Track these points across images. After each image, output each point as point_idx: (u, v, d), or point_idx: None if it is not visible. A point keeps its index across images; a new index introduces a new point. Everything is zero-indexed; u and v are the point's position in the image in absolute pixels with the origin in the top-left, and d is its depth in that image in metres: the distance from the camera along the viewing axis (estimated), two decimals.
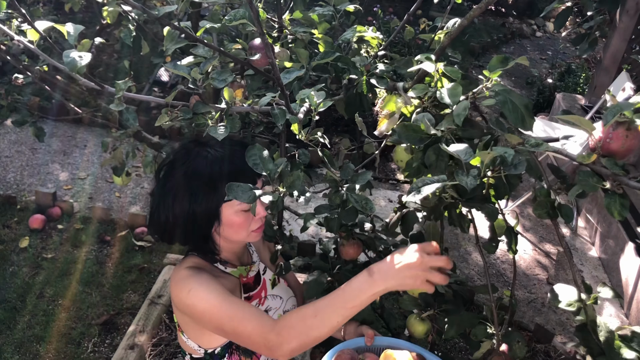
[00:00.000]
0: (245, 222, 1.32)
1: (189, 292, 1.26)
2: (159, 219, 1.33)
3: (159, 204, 1.32)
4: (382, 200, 3.98)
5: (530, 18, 9.31)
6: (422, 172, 1.18)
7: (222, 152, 1.30)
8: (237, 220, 1.31)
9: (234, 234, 1.34)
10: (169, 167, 1.33)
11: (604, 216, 3.67)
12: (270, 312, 1.49)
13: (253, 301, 1.45)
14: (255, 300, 1.46)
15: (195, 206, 1.27)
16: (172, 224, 1.31)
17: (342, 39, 1.62)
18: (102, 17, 1.98)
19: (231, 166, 1.28)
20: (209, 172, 1.27)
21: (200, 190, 1.27)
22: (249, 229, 1.35)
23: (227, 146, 1.33)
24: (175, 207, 1.29)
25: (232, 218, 1.30)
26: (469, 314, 1.41)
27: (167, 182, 1.31)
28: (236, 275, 1.43)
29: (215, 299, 1.24)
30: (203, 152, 1.29)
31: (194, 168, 1.28)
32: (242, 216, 1.31)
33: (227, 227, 1.33)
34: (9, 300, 2.76)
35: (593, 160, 0.95)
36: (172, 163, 1.33)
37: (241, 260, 1.49)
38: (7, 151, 4.11)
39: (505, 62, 1.13)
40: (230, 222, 1.31)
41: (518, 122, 1.04)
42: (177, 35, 1.30)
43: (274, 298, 1.53)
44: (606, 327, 1.18)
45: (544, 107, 5.64)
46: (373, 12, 7.55)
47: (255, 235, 1.37)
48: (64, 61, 1.18)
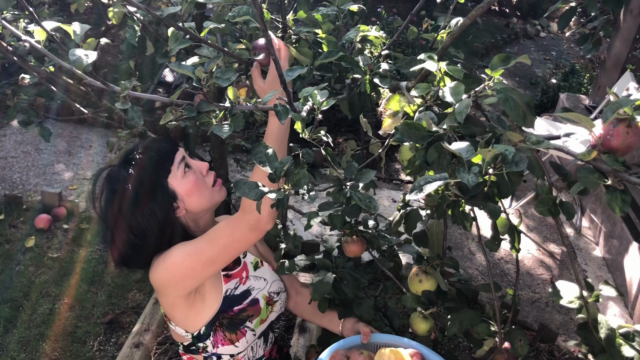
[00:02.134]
0: (197, 180, 1.38)
1: (164, 258, 1.33)
2: (121, 245, 1.37)
3: (112, 234, 1.37)
4: (385, 200, 3.99)
5: (534, 18, 9.30)
6: (425, 169, 1.19)
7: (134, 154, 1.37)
8: (190, 184, 1.37)
9: (198, 198, 1.39)
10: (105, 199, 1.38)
11: (608, 216, 3.66)
12: (254, 291, 1.53)
13: (233, 279, 1.49)
14: (235, 279, 1.50)
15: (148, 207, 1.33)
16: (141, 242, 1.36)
17: (345, 39, 1.63)
18: (107, 18, 2.00)
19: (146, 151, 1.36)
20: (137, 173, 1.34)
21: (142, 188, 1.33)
22: (210, 187, 1.41)
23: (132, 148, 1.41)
24: (132, 225, 1.34)
25: (184, 185, 1.36)
26: (471, 312, 1.42)
27: (109, 212, 1.36)
28: None
29: (187, 244, 1.33)
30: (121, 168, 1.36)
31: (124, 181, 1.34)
32: (190, 177, 1.37)
33: (188, 197, 1.37)
34: (15, 299, 2.78)
35: (594, 157, 0.96)
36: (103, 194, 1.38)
37: None
38: (13, 151, 4.14)
39: (507, 60, 1.14)
40: (186, 190, 1.37)
41: (519, 119, 1.04)
42: (181, 36, 1.32)
43: (257, 279, 1.56)
44: (607, 325, 1.19)
45: (548, 107, 5.64)
46: (377, 12, 7.56)
47: (218, 190, 1.43)
48: (70, 59, 1.20)
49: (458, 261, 1.59)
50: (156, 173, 1.34)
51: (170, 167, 1.36)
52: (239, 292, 1.50)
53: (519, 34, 8.54)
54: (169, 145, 1.39)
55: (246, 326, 1.49)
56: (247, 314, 1.49)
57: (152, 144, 1.40)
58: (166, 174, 1.35)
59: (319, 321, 1.70)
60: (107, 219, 1.37)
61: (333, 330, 1.61)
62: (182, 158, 1.39)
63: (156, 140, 1.43)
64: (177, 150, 1.39)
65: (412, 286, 1.49)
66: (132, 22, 1.92)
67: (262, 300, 1.54)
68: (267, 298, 1.56)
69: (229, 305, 1.46)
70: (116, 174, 1.37)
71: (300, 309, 1.74)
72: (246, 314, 1.49)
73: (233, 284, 1.49)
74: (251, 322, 1.50)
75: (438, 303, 1.47)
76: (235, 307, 1.48)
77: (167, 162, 1.36)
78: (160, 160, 1.35)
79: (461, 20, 1.34)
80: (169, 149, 1.38)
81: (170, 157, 1.37)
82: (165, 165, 1.35)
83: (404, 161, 1.44)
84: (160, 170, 1.34)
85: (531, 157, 1.07)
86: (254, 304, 1.51)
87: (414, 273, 1.49)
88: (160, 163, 1.35)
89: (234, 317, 1.47)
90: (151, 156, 1.36)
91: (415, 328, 1.48)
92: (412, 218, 1.51)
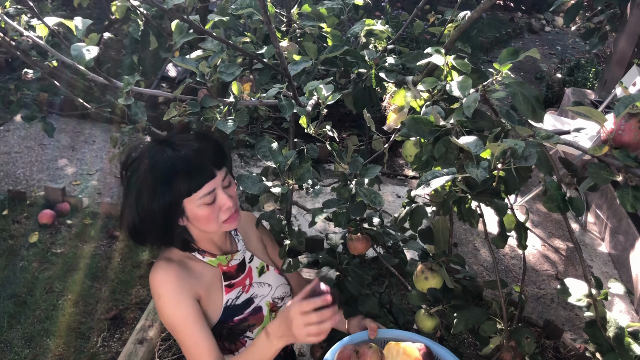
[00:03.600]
0: (210, 214, 1.32)
1: (159, 298, 1.33)
2: (127, 220, 1.34)
3: (124, 205, 1.34)
4: (390, 196, 3.97)
5: (538, 12, 9.25)
6: (431, 165, 1.18)
7: (181, 148, 1.30)
8: (201, 214, 1.31)
9: (203, 226, 1.35)
10: (132, 167, 1.33)
11: (613, 211, 3.64)
12: (257, 299, 1.50)
13: (235, 289, 1.46)
14: (238, 287, 1.47)
15: (153, 205, 1.28)
16: (138, 223, 1.32)
17: (350, 33, 1.61)
18: (110, 13, 1.98)
19: (184, 161, 1.28)
20: (165, 168, 1.27)
21: (157, 188, 1.27)
22: (219, 220, 1.34)
23: (187, 141, 1.32)
24: (138, 207, 1.30)
25: (196, 212, 1.31)
26: (477, 310, 1.41)
27: (130, 182, 1.32)
28: (214, 264, 1.44)
29: (179, 320, 1.33)
30: (162, 150, 1.30)
31: (152, 166, 1.28)
32: (205, 209, 1.31)
33: (194, 220, 1.33)
34: (19, 294, 2.78)
35: (605, 152, 0.94)
36: (134, 162, 1.33)
37: (223, 249, 1.49)
38: (16, 147, 4.14)
39: (516, 54, 1.12)
40: (195, 216, 1.32)
41: (529, 114, 1.03)
42: (185, 28, 1.30)
43: (261, 285, 1.53)
44: (616, 324, 1.17)
45: (553, 102, 5.61)
46: (381, 7, 7.52)
47: (227, 225, 1.37)
48: (72, 54, 1.18)
49: (464, 258, 1.58)
50: (176, 190, 1.27)
51: (193, 192, 1.28)
52: (240, 302, 1.47)
53: (523, 28, 8.50)
54: (210, 166, 1.30)
55: (246, 336, 1.47)
56: (248, 324, 1.47)
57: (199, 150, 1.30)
58: (184, 196, 1.28)
59: None
60: (126, 186, 1.33)
61: (339, 329, 1.59)
62: (212, 190, 1.31)
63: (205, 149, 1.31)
64: (214, 177, 1.30)
65: (417, 283, 1.48)
66: (135, 16, 1.90)
67: (265, 307, 1.51)
68: (271, 305, 1.54)
69: (229, 316, 1.44)
70: (153, 151, 1.31)
71: None
72: (247, 324, 1.47)
73: (235, 294, 1.46)
74: (252, 331, 1.48)
75: (443, 300, 1.45)
76: (236, 317, 1.45)
77: (193, 185, 1.28)
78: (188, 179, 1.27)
79: (469, 14, 1.32)
80: (206, 171, 1.29)
81: (199, 183, 1.28)
82: (189, 187, 1.28)
83: (408, 156, 1.43)
84: (181, 189, 1.27)
85: (539, 152, 1.05)
86: (256, 313, 1.49)
87: (420, 270, 1.47)
88: (185, 182, 1.27)
89: (234, 327, 1.45)
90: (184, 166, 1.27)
91: (420, 325, 1.46)
92: (417, 215, 1.49)
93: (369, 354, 1.32)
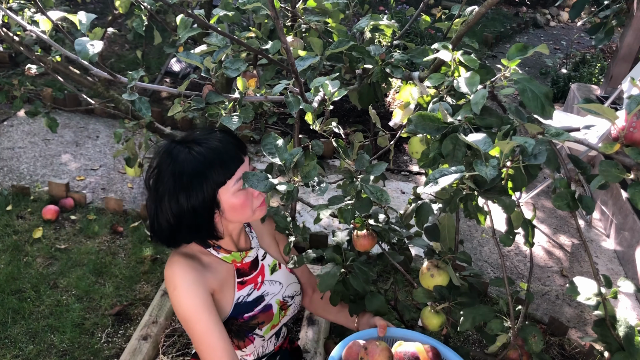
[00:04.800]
0: (246, 200, 1.33)
1: (174, 289, 1.33)
2: (161, 226, 1.34)
3: (156, 211, 1.34)
4: (394, 192, 3.96)
5: (543, 7, 9.20)
6: (439, 162, 1.16)
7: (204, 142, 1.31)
8: (237, 202, 1.32)
9: (239, 215, 1.36)
10: (157, 173, 1.33)
11: (619, 208, 3.62)
12: (268, 297, 1.50)
13: (247, 286, 1.47)
14: (250, 285, 1.48)
15: (192, 201, 1.29)
16: (175, 226, 1.33)
17: (356, 28, 1.60)
18: (114, 8, 1.97)
19: (214, 152, 1.29)
20: (195, 164, 1.28)
21: (192, 184, 1.28)
22: (253, 207, 1.36)
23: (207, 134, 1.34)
24: (173, 209, 1.30)
25: (232, 201, 1.32)
26: (484, 307, 1.39)
27: (159, 187, 1.32)
28: (229, 260, 1.45)
29: (195, 310, 1.31)
30: (185, 149, 1.30)
31: (181, 166, 1.29)
32: (241, 196, 1.32)
33: (230, 210, 1.34)
34: (23, 290, 2.78)
35: (616, 150, 0.93)
36: (159, 168, 1.33)
37: (238, 246, 1.49)
38: (20, 142, 4.13)
39: (525, 50, 1.11)
40: (231, 205, 1.33)
41: (538, 110, 1.01)
42: (190, 22, 1.29)
43: (273, 283, 1.54)
44: (626, 323, 1.16)
45: (558, 98, 5.58)
46: (385, 2, 7.49)
47: (260, 210, 1.39)
48: (76, 49, 1.17)
49: (470, 255, 1.57)
50: (212, 180, 1.28)
51: (227, 179, 1.30)
52: (251, 299, 1.47)
53: (528, 23, 8.46)
54: (237, 153, 1.33)
55: (255, 333, 1.47)
56: (257, 321, 1.47)
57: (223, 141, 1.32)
58: (220, 185, 1.30)
59: (334, 317, 1.67)
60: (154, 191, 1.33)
61: (348, 326, 1.59)
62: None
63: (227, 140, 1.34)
64: (243, 162, 1.33)
65: (423, 281, 1.47)
66: (139, 11, 1.89)
67: (275, 305, 1.52)
68: (281, 303, 1.54)
69: (239, 312, 1.45)
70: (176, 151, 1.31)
71: (315, 306, 1.72)
72: (256, 321, 1.47)
73: (247, 291, 1.47)
74: (261, 329, 1.48)
75: (450, 298, 1.44)
76: (246, 315, 1.45)
77: (227, 173, 1.29)
78: (221, 168, 1.29)
79: (476, 9, 1.30)
80: (235, 158, 1.32)
81: (232, 170, 1.30)
82: (224, 175, 1.29)
83: (414, 153, 1.42)
84: (216, 179, 1.29)
85: (549, 150, 1.04)
86: (267, 310, 1.49)
87: (426, 267, 1.46)
88: (219, 171, 1.29)
89: (243, 324, 1.45)
90: (215, 156, 1.29)
91: (426, 323, 1.45)
92: (423, 211, 1.48)
93: (377, 351, 1.31)
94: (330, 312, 1.66)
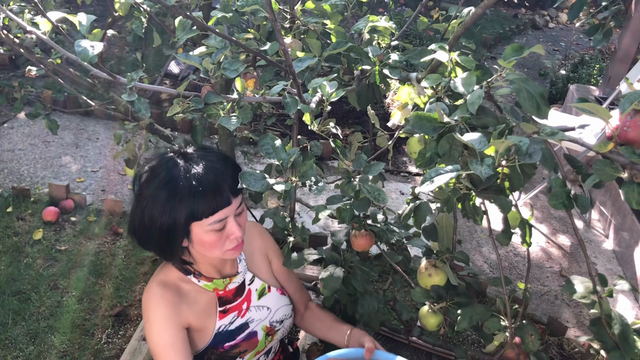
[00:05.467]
0: (217, 242, 1.26)
1: (146, 321, 1.31)
2: (134, 224, 1.30)
3: (134, 209, 1.29)
4: (393, 193, 3.97)
5: (542, 9, 9.22)
6: (435, 161, 1.17)
7: (200, 166, 1.24)
8: (207, 240, 1.25)
9: (206, 251, 1.29)
10: (149, 173, 1.28)
11: (618, 208, 3.63)
12: (252, 324, 1.44)
13: (230, 314, 1.41)
14: (233, 312, 1.41)
15: (163, 218, 1.22)
16: (144, 231, 1.28)
17: (354, 29, 1.61)
18: (113, 10, 1.98)
19: (205, 184, 1.21)
20: (180, 186, 1.21)
21: (169, 204, 1.21)
22: (223, 248, 1.28)
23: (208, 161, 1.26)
24: (145, 215, 1.25)
25: (202, 237, 1.25)
26: (481, 307, 1.40)
27: (144, 189, 1.27)
28: (210, 289, 1.39)
29: (162, 348, 1.28)
30: (181, 165, 1.24)
31: (168, 179, 1.23)
32: (213, 236, 1.25)
33: (198, 244, 1.28)
34: (24, 291, 2.78)
35: (610, 149, 0.94)
36: (150, 172, 1.28)
37: (222, 272, 1.43)
38: (20, 144, 4.14)
39: (521, 51, 1.12)
40: (200, 241, 1.26)
41: (533, 110, 1.02)
42: (189, 24, 1.30)
43: (259, 309, 1.47)
44: (621, 320, 1.17)
45: (557, 99, 5.59)
46: (384, 3, 7.51)
47: (230, 254, 1.31)
48: (76, 50, 1.18)
49: (468, 255, 1.58)
50: (189, 211, 1.21)
51: (204, 217, 1.22)
52: (234, 327, 1.41)
53: (527, 24, 8.47)
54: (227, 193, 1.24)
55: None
56: (239, 350, 1.41)
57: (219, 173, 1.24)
58: (197, 218, 1.22)
59: (324, 335, 1.58)
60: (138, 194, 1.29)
61: (339, 345, 1.51)
62: (224, 218, 1.25)
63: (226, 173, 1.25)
64: (229, 205, 1.24)
65: (421, 280, 1.48)
66: (139, 13, 1.90)
67: (260, 332, 1.46)
68: (268, 329, 1.48)
69: (219, 342, 1.39)
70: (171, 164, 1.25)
71: (306, 323, 1.63)
72: (238, 350, 1.41)
73: (229, 319, 1.41)
74: (242, 357, 1.43)
75: (447, 297, 1.45)
76: (227, 344, 1.39)
77: (206, 211, 1.22)
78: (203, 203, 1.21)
79: (473, 10, 1.31)
80: (223, 198, 1.23)
81: (213, 209, 1.22)
82: (202, 213, 1.21)
83: (412, 153, 1.43)
84: (194, 211, 1.21)
85: (544, 149, 1.05)
86: (250, 338, 1.43)
87: (424, 267, 1.47)
88: (200, 206, 1.21)
89: (223, 353, 1.40)
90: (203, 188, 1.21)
91: (424, 322, 1.46)
92: (421, 211, 1.49)
93: None
94: (321, 329, 1.59)
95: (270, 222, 3.12)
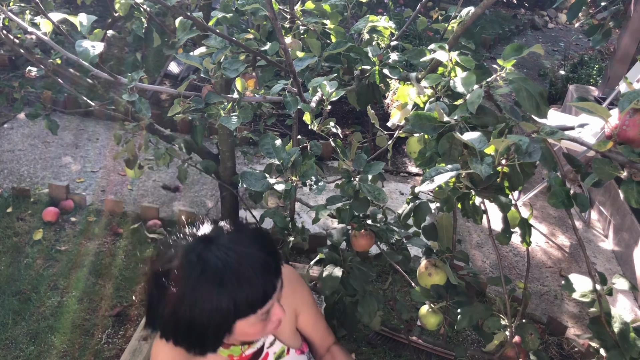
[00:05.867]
0: (262, 330, 1.16)
1: None
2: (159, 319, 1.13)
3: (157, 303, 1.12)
4: (393, 193, 3.97)
5: (541, 9, 9.22)
6: (435, 161, 1.18)
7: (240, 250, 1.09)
8: (251, 331, 1.14)
9: (247, 338, 1.20)
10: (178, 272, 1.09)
11: (617, 208, 3.63)
12: None
13: None
14: None
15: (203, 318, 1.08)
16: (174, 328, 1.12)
17: (354, 29, 1.61)
18: (113, 10, 1.99)
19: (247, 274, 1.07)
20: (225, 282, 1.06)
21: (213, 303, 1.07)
22: (264, 332, 1.18)
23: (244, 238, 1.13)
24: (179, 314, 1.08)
25: (247, 330, 1.13)
26: (481, 306, 1.41)
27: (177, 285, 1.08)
28: (225, 355, 1.29)
29: None
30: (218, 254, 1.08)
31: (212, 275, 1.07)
32: (259, 326, 1.14)
33: (240, 335, 1.15)
34: (24, 291, 2.79)
35: (609, 147, 0.94)
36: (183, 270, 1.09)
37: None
38: (20, 144, 4.14)
39: (520, 50, 1.12)
40: (243, 334, 1.15)
41: (533, 109, 1.03)
42: (189, 25, 1.30)
43: None
44: (621, 319, 1.17)
45: (556, 99, 5.59)
46: (383, 3, 7.51)
47: (269, 332, 1.20)
48: (77, 51, 1.19)
49: (468, 254, 1.58)
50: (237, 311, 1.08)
51: (251, 314, 1.10)
52: None
53: (526, 25, 8.48)
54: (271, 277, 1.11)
55: None
56: None
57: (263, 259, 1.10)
58: (242, 317, 1.10)
59: None
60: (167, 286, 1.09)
61: None
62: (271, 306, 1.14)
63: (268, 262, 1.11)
64: (275, 290, 1.12)
65: (421, 280, 1.48)
66: (139, 13, 1.91)
67: None
68: None
69: None
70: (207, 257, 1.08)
71: None
72: None
73: None
74: None
75: (447, 297, 1.46)
76: None
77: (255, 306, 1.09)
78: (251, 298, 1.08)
79: (472, 10, 1.32)
80: (270, 285, 1.11)
81: (262, 301, 1.10)
82: (251, 309, 1.09)
83: (412, 153, 1.43)
84: (241, 312, 1.08)
85: (544, 148, 1.05)
86: None
87: (424, 266, 1.48)
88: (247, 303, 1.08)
89: None
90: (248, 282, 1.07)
91: (424, 322, 1.46)
92: (421, 211, 1.49)
93: None
94: None
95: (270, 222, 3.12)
